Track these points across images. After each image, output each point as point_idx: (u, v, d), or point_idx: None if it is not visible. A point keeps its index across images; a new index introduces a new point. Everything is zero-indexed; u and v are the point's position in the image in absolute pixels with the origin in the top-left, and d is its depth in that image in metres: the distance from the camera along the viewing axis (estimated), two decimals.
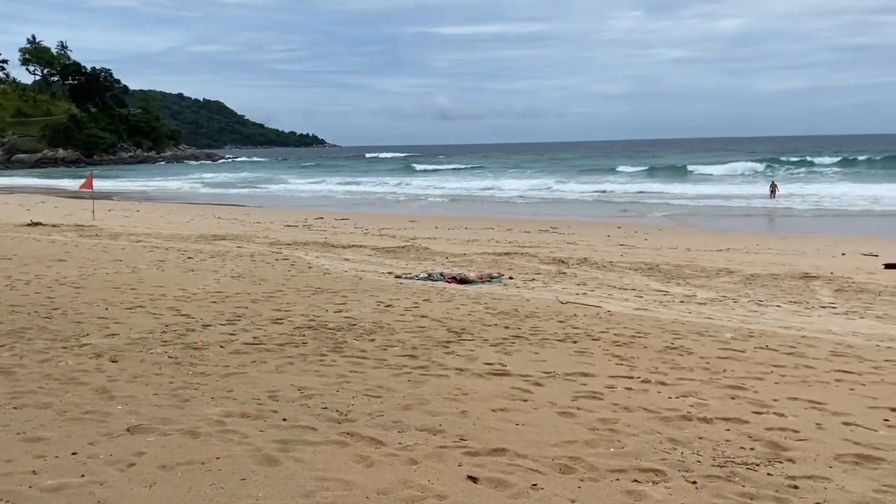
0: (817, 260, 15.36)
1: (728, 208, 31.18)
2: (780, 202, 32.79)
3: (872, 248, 16.94)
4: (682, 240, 19.26)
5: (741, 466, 3.93)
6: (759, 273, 13.42)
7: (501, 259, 15.35)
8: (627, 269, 14.03)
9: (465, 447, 4.12)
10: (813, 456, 4.15)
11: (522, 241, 19.00)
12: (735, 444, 4.33)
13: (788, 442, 4.39)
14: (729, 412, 4.99)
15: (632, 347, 7.19)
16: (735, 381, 5.90)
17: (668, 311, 9.74)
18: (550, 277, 12.86)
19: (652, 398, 5.32)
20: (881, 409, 5.17)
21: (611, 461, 3.96)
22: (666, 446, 4.24)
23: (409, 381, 5.55)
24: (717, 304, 10.43)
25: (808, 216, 27.90)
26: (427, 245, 17.87)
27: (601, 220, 26.84)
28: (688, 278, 12.86)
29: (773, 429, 4.65)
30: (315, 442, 4.19)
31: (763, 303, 10.51)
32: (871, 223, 25.48)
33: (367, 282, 11.72)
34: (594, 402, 5.18)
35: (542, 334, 7.71)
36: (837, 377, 6.15)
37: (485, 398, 5.14)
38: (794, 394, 5.56)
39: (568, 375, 5.94)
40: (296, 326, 7.77)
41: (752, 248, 17.38)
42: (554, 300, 10.36)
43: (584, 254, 16.31)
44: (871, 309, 10.04)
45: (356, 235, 20.35)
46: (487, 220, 26.26)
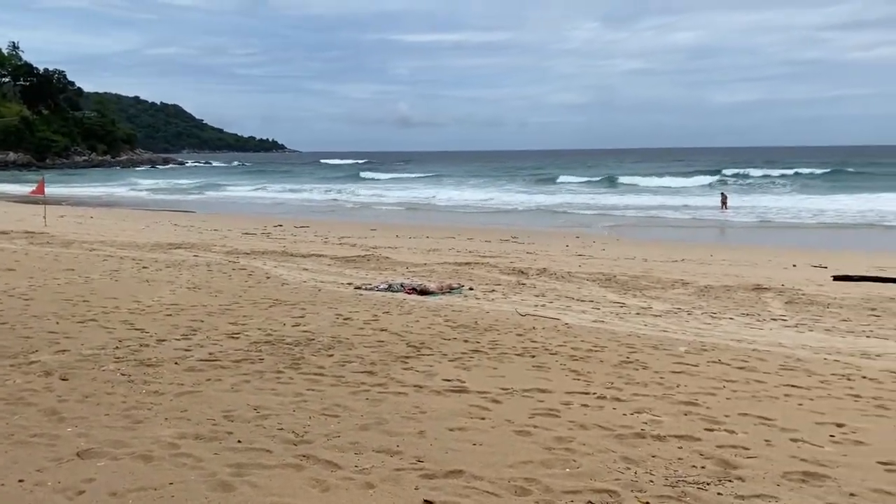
0: (769, 271, 15.75)
1: (678, 219, 31.76)
2: (731, 213, 33.52)
3: (822, 259, 17.44)
4: (639, 251, 19.56)
5: (692, 486, 4.01)
6: (713, 284, 13.70)
7: (462, 269, 15.40)
8: (585, 279, 14.20)
9: (422, 469, 4.12)
10: (761, 474, 4.26)
11: (483, 251, 19.09)
12: (687, 462, 4.42)
13: (738, 460, 4.50)
14: (682, 429, 5.09)
15: (588, 362, 7.28)
16: (688, 397, 6.01)
17: (625, 324, 9.89)
18: (510, 288, 12.95)
19: (607, 415, 5.39)
20: (827, 425, 5.32)
21: (566, 482, 4.01)
22: (620, 466, 4.31)
23: (368, 400, 5.53)
24: (671, 316, 10.62)
25: (758, 227, 28.60)
26: (388, 255, 17.83)
27: (549, 229, 27.14)
28: (644, 290, 13.07)
29: (724, 446, 4.76)
30: (270, 465, 4.15)
31: (716, 315, 10.74)
32: (820, 235, 26.25)
33: (327, 293, 11.65)
34: (551, 419, 5.23)
35: (500, 348, 7.76)
36: (786, 392, 6.31)
37: (443, 417, 5.15)
38: (744, 409, 5.70)
39: (525, 392, 5.99)
40: (252, 341, 7.68)
41: (705, 260, 17.74)
42: (513, 312, 10.43)
43: (543, 264, 16.45)
44: (819, 321, 10.33)
45: (316, 244, 20.21)
46: (448, 228, 26.33)
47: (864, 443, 4.94)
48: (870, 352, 8.38)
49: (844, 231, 27.07)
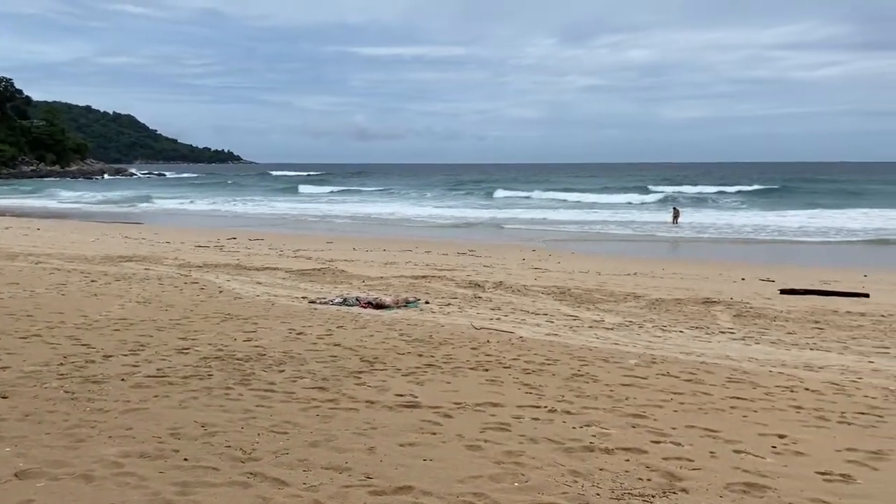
0: (718, 285, 16.11)
1: (630, 234, 32.24)
2: (682, 228, 34.22)
3: (769, 273, 17.91)
4: (593, 264, 19.83)
5: (638, 498, 4.08)
6: (664, 298, 13.95)
7: (418, 282, 15.41)
8: (541, 293, 14.33)
9: (371, 486, 4.11)
10: (705, 486, 4.35)
11: (440, 264, 19.12)
12: (633, 474, 4.49)
13: (683, 472, 4.58)
14: (629, 442, 5.17)
15: (541, 375, 7.35)
16: (637, 410, 6.11)
17: (578, 337, 10.01)
18: (466, 302, 12.99)
19: (557, 428, 5.45)
20: (769, 437, 5.47)
21: (514, 496, 4.03)
22: (568, 479, 4.35)
23: (318, 416, 5.49)
24: (623, 329, 10.78)
25: (708, 242, 29.24)
26: (344, 268, 17.74)
27: (506, 243, 27.34)
28: (597, 303, 13.25)
29: (670, 458, 4.85)
30: (217, 483, 4.09)
31: (666, 328, 10.94)
32: (768, 249, 26.97)
33: (280, 307, 11.53)
34: (502, 433, 5.26)
35: (455, 362, 7.78)
36: (732, 404, 6.45)
37: (394, 433, 5.14)
38: (691, 422, 5.81)
39: (478, 406, 6.01)
40: (202, 357, 7.56)
41: (657, 273, 18.07)
42: (469, 326, 10.47)
43: (499, 277, 16.56)
44: (766, 334, 10.60)
45: (270, 257, 19.99)
46: (406, 241, 26.32)
47: (804, 453, 5.09)
48: (813, 364, 8.63)
49: (791, 246, 27.86)
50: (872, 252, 25.54)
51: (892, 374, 8.12)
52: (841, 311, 12.82)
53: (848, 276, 17.63)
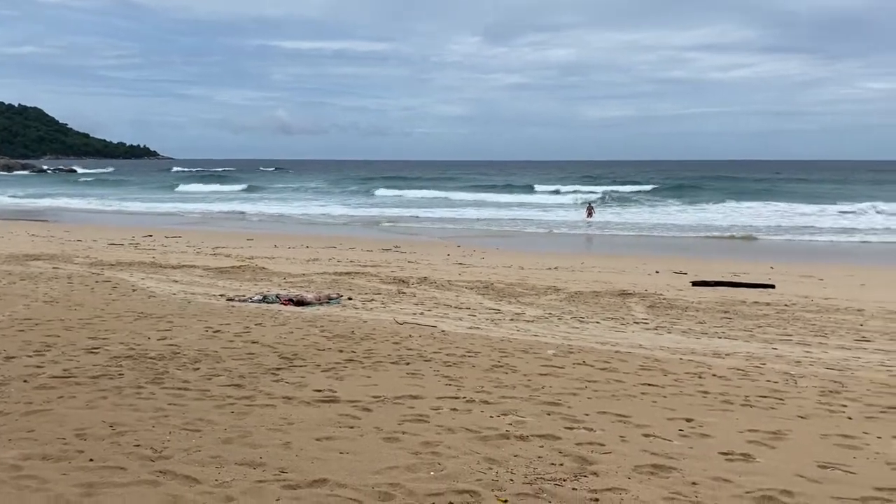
0: (634, 278, 16.62)
1: (549, 230, 32.83)
2: (598, 224, 35.11)
3: (682, 266, 18.58)
4: (516, 259, 20.12)
5: (550, 483, 4.18)
6: (583, 291, 14.31)
7: (342, 279, 15.29)
8: (464, 287, 14.46)
9: (285, 480, 4.06)
10: (615, 468, 4.49)
11: (364, 261, 19.02)
12: (546, 460, 4.59)
13: (594, 456, 4.72)
14: (544, 429, 5.28)
15: (461, 367, 7.42)
16: (552, 398, 6.25)
17: (499, 329, 10.15)
18: (390, 297, 12.98)
19: (475, 418, 5.52)
20: (677, 420, 5.69)
21: (429, 485, 4.07)
22: (483, 466, 4.42)
23: (233, 413, 5.39)
24: (543, 321, 11.00)
25: (625, 237, 30.11)
26: (264, 265, 17.43)
27: (432, 239, 27.47)
28: (519, 296, 13.47)
29: (583, 443, 4.98)
30: (124, 483, 3.96)
31: (584, 319, 11.23)
32: (682, 243, 27.98)
33: (197, 305, 11.24)
34: (420, 425, 5.29)
35: (375, 357, 7.77)
36: (643, 390, 6.69)
37: (311, 427, 5.10)
38: (604, 408, 5.99)
39: (397, 399, 6.02)
40: (112, 356, 7.29)
41: (577, 267, 18.50)
42: (391, 321, 10.47)
43: (424, 273, 16.61)
44: (677, 324, 11.02)
45: (188, 255, 19.44)
46: (330, 238, 26.05)
47: (709, 435, 5.32)
48: (721, 351, 9.03)
49: (705, 240, 28.99)
50: (777, 245, 26.84)
51: (793, 360, 8.57)
52: (748, 301, 13.45)
53: (756, 269, 18.47)
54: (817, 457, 4.84)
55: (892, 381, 7.47)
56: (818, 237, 29.07)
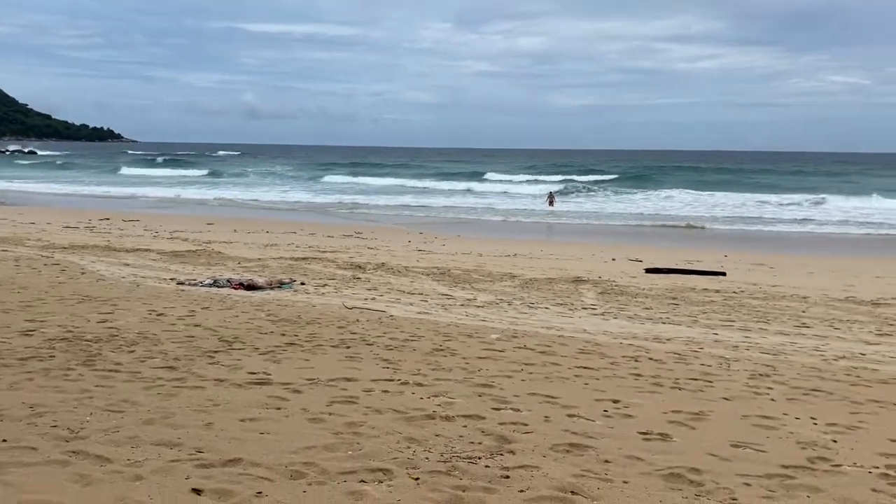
0: (590, 265, 16.80)
1: (511, 217, 32.77)
2: (559, 212, 35.28)
3: (639, 254, 18.82)
4: (476, 246, 20.20)
5: (464, 461, 4.23)
6: (538, 277, 14.43)
7: (298, 264, 15.23)
8: (421, 274, 14.49)
9: (200, 460, 4.06)
10: (532, 447, 4.57)
11: (324, 246, 18.95)
12: (467, 439, 4.65)
13: (515, 435, 4.80)
14: (471, 409, 5.34)
15: (402, 351, 7.46)
16: (486, 380, 6.32)
17: (448, 315, 10.21)
18: (344, 283, 12.97)
19: (404, 399, 5.56)
20: (604, 402, 5.79)
21: (344, 464, 4.10)
22: (402, 445, 4.46)
23: (160, 395, 5.36)
24: (493, 307, 11.08)
25: (584, 225, 30.31)
26: (221, 249, 17.27)
27: (393, 226, 27.44)
28: (473, 282, 13.54)
29: (506, 423, 5.05)
30: (32, 463, 3.93)
31: (534, 305, 11.33)
32: (641, 232, 28.31)
33: (145, 289, 11.11)
34: (348, 406, 5.32)
35: (317, 341, 7.77)
36: (577, 373, 6.78)
37: (236, 409, 5.09)
38: (535, 389, 6.07)
39: (331, 381, 6.04)
40: (47, 338, 7.19)
41: (535, 255, 18.63)
42: (340, 306, 10.47)
43: (383, 259, 16.60)
44: (625, 310, 11.17)
45: (144, 238, 19.19)
46: (291, 224, 25.88)
47: (632, 416, 5.43)
48: (662, 336, 9.18)
49: (662, 229, 29.34)
50: (732, 234, 27.27)
51: (731, 345, 8.76)
52: (698, 288, 13.68)
53: (710, 257, 18.77)
54: (733, 436, 4.96)
55: (822, 366, 7.68)
56: (772, 227, 29.59)
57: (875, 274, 15.91)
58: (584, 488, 3.90)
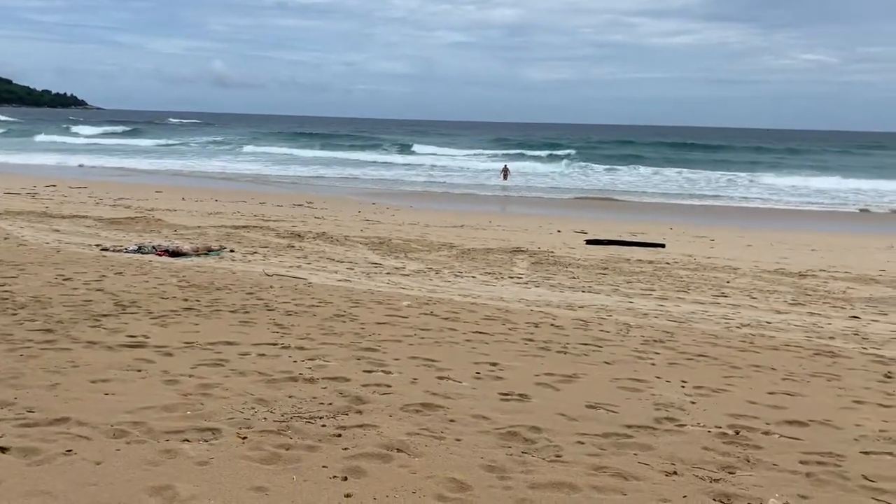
0: (535, 236, 16.81)
1: (464, 190, 32.43)
2: (512, 184, 35.15)
3: (587, 227, 18.87)
4: (426, 217, 20.12)
5: (303, 421, 4.19)
6: (477, 248, 14.40)
7: (237, 232, 15.06)
8: (359, 243, 14.39)
9: (27, 419, 3.98)
10: (382, 407, 4.54)
11: (270, 215, 18.74)
12: (319, 400, 4.61)
13: (372, 396, 4.77)
14: (341, 372, 5.30)
15: (301, 316, 7.38)
16: (374, 344, 6.27)
17: (369, 282, 10.15)
18: (276, 251, 12.84)
19: (276, 362, 5.50)
20: (482, 365, 5.77)
21: (176, 423, 4.04)
22: (247, 406, 4.41)
23: (21, 356, 5.25)
24: (419, 275, 11.04)
25: (536, 198, 30.17)
26: (162, 217, 17.03)
27: (348, 196, 27.25)
28: (410, 252, 13.48)
29: (369, 385, 5.02)
30: None
31: (461, 274, 11.31)
32: (591, 205, 28.34)
33: (65, 254, 10.90)
34: (213, 368, 5.25)
35: (218, 306, 7.66)
36: (470, 338, 6.76)
37: (93, 371, 5.00)
38: (419, 353, 6.03)
39: (209, 345, 5.96)
40: None
41: (484, 226, 18.60)
42: (261, 273, 10.36)
43: (325, 228, 16.48)
44: (551, 279, 11.19)
45: (86, 205, 18.84)
46: (243, 192, 25.57)
47: (503, 378, 5.42)
48: (576, 304, 9.21)
49: (612, 202, 29.42)
50: (682, 208, 27.42)
51: (642, 312, 8.81)
52: (633, 259, 13.75)
53: (656, 229, 18.89)
54: (593, 398, 4.98)
55: (723, 333, 7.75)
56: (721, 202, 29.67)
57: (812, 247, 16.11)
58: (410, 446, 3.88)
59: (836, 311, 9.43)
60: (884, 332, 8.16)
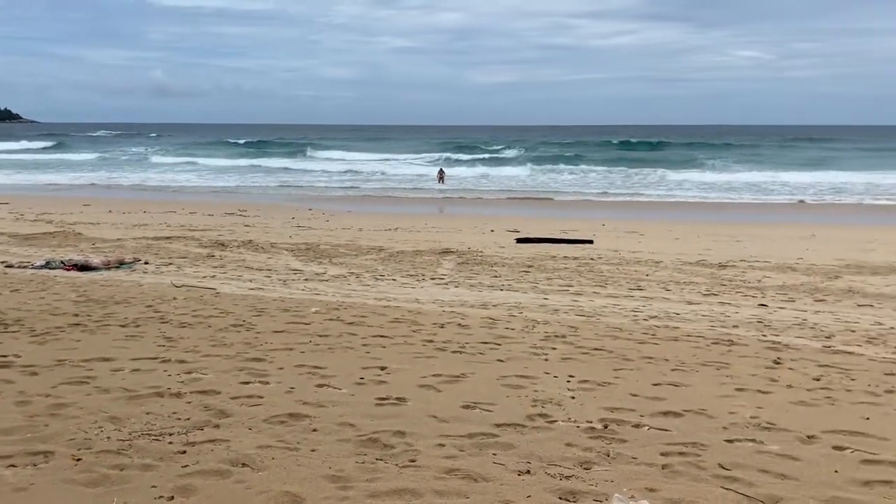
0: (468, 237, 16.72)
1: (403, 193, 32.06)
2: (449, 187, 34.98)
3: (522, 226, 18.86)
4: (362, 221, 19.90)
5: (150, 439, 3.97)
6: (406, 250, 14.24)
7: (158, 243, 14.62)
8: (285, 250, 14.11)
9: None
10: (244, 420, 4.34)
11: (198, 225, 18.30)
12: (178, 416, 4.39)
13: (239, 409, 4.56)
14: (214, 385, 5.08)
15: (195, 328, 7.12)
16: (262, 354, 6.06)
17: (284, 290, 9.91)
18: (193, 261, 12.49)
19: (149, 377, 5.25)
20: (371, 369, 5.61)
21: (8, 448, 3.76)
22: (95, 426, 4.16)
23: None
24: (338, 280, 10.83)
25: (472, 198, 30.05)
26: (83, 231, 16.47)
27: (286, 203, 26.86)
28: (335, 257, 13.25)
29: (240, 397, 4.81)
30: None
31: (382, 277, 11.14)
32: (528, 204, 28.42)
33: None
34: (76, 387, 4.97)
35: (109, 321, 7.34)
36: (368, 342, 6.59)
37: None
38: (307, 361, 5.84)
39: (84, 361, 5.66)
40: None
41: (419, 228, 18.45)
42: (170, 284, 10.03)
43: (253, 236, 16.13)
44: (473, 279, 11.09)
45: (4, 221, 18.11)
46: (176, 203, 24.95)
47: (386, 382, 5.26)
48: (490, 302, 9.12)
49: (550, 202, 29.56)
50: (616, 205, 27.73)
51: (553, 308, 8.76)
52: (560, 256, 13.75)
53: (590, 225, 18.99)
54: (472, 398, 4.85)
55: (628, 326, 7.74)
56: (655, 198, 29.91)
57: (737, 238, 16.37)
58: (256, 459, 3.69)
59: (747, 300, 9.54)
60: (787, 318, 8.25)
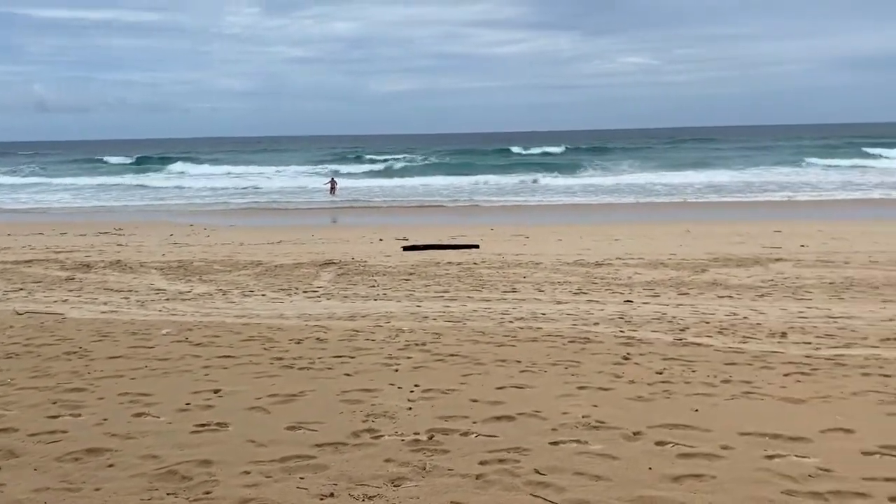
0: (355, 247, 16.38)
1: (292, 206, 31.37)
2: (340, 197, 34.38)
3: (411, 234, 18.68)
4: (246, 235, 19.24)
5: None
6: (286, 263, 13.77)
7: (16, 267, 13.57)
8: (154, 269, 13.35)
9: None
10: (33, 460, 3.88)
11: (66, 246, 17.15)
12: None
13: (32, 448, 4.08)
14: (13, 422, 4.57)
15: (21, 358, 6.51)
16: (85, 384, 5.54)
17: (140, 311, 9.31)
18: (48, 285, 11.61)
19: None
20: (203, 393, 5.22)
21: None
22: None
23: None
24: (202, 298, 10.29)
25: (363, 208, 29.69)
26: None
27: (161, 221, 25.78)
28: (207, 274, 12.64)
29: (39, 433, 4.33)
30: None
31: (251, 293, 10.66)
32: (417, 212, 28.26)
33: None
34: None
35: None
36: (211, 363, 6.18)
37: None
38: (134, 388, 5.39)
39: None
40: None
41: (304, 240, 17.96)
42: (11, 312, 9.24)
43: (123, 256, 15.22)
44: (348, 290, 10.78)
45: None
46: (49, 224, 23.43)
47: (213, 406, 4.89)
48: (359, 314, 8.84)
49: (439, 208, 29.46)
50: (499, 209, 28.09)
51: (423, 316, 8.57)
52: (444, 262, 13.62)
53: (478, 231, 19.04)
54: (301, 417, 4.55)
55: (493, 329, 7.63)
56: (543, 202, 30.42)
57: (616, 237, 16.76)
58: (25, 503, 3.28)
59: (615, 296, 9.66)
60: (648, 313, 8.38)
